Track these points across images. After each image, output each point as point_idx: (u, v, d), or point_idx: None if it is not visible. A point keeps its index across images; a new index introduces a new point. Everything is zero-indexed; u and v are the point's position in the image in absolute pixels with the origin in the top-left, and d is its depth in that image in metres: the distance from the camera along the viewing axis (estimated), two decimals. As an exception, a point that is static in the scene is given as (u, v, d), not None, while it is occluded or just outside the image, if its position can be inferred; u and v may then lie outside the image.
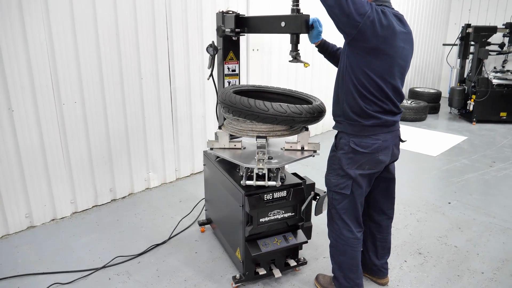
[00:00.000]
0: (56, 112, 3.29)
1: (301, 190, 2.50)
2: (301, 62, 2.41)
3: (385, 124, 2.19)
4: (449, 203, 3.94)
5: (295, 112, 2.24)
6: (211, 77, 2.88)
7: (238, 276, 2.60)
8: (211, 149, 2.58)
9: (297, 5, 2.30)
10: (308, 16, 2.31)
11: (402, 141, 2.38)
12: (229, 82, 2.92)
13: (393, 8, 2.17)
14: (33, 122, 3.18)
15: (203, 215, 3.43)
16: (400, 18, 2.14)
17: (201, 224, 3.30)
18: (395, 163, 2.48)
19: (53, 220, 3.46)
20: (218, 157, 2.86)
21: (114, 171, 3.81)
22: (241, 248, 2.52)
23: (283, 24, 2.32)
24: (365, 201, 2.45)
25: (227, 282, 2.66)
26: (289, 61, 2.44)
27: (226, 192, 2.69)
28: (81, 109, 3.45)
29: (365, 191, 2.33)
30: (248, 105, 2.22)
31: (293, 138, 2.57)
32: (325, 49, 2.58)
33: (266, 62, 5.17)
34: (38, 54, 3.09)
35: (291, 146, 2.57)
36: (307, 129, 2.55)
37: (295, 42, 2.37)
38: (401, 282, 2.71)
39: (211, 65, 2.85)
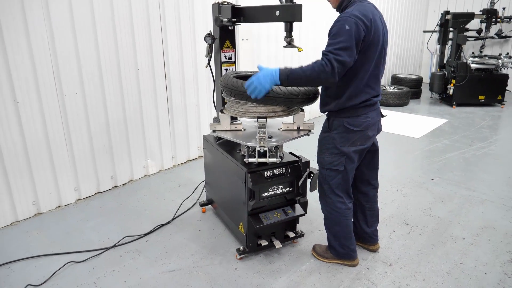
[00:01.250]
0: (58, 102, 3.41)
1: (298, 167, 2.70)
2: (295, 47, 2.59)
3: (372, 103, 2.42)
4: (432, 179, 4.21)
5: (292, 93, 2.43)
6: (209, 65, 3.04)
7: (242, 248, 2.80)
8: (214, 131, 2.76)
9: (291, -5, 2.48)
10: (300, 5, 2.49)
11: (383, 116, 2.62)
12: (226, 69, 3.09)
13: None
14: (37, 113, 3.30)
15: (203, 196, 3.62)
16: (374, 6, 2.35)
17: (202, 205, 3.48)
18: (379, 140, 2.71)
19: (58, 207, 3.60)
20: (219, 139, 3.05)
21: (114, 159, 3.96)
22: (244, 222, 2.72)
23: (277, 13, 2.50)
24: None
25: (231, 255, 2.87)
26: (284, 46, 2.63)
27: (228, 171, 2.88)
28: (82, 99, 3.57)
29: (356, 165, 2.56)
30: (250, 88, 2.39)
31: (289, 119, 2.77)
32: None
33: (255, 51, 5.34)
34: (40, 47, 3.20)
35: (287, 127, 2.77)
36: (302, 110, 2.75)
37: (289, 30, 2.56)
38: (391, 249, 2.96)
39: (209, 53, 3.01)
